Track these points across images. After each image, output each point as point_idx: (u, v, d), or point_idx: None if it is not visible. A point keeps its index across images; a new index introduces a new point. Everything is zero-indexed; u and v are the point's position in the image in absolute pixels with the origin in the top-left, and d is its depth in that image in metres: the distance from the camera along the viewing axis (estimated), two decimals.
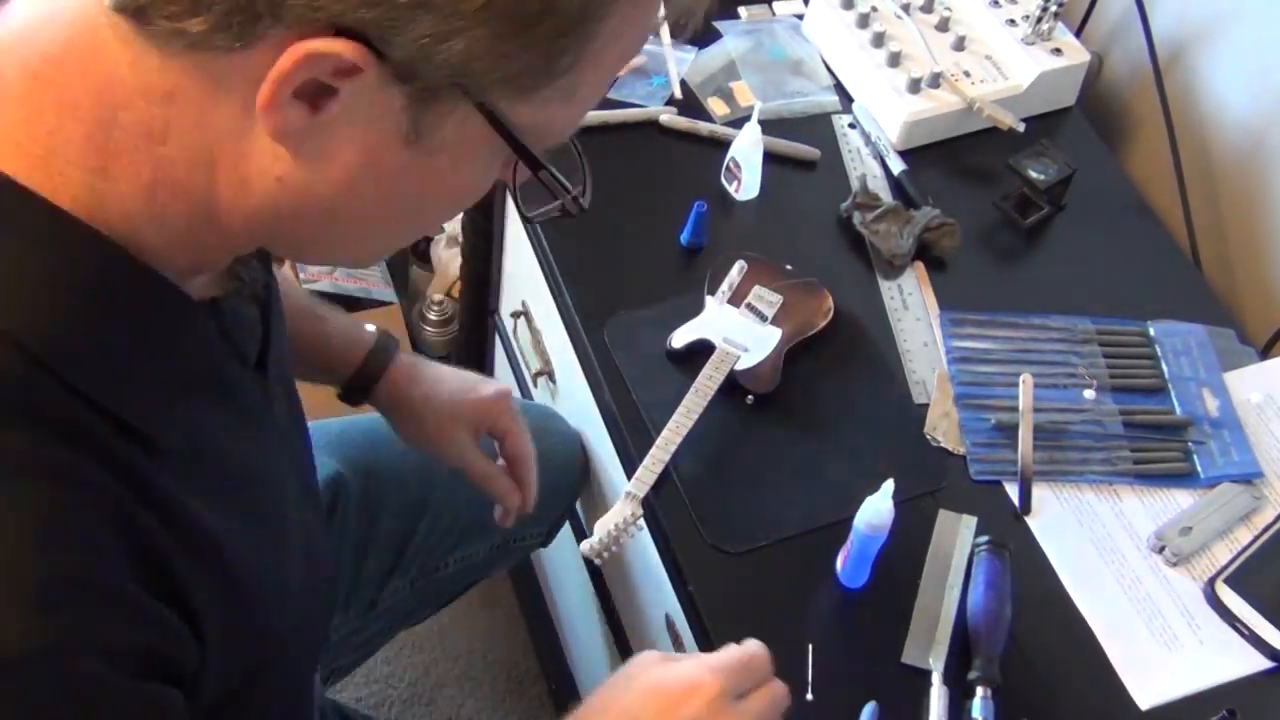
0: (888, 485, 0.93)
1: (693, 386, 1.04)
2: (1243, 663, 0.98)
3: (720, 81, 1.32)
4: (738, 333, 1.09)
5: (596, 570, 1.33)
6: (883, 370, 1.12)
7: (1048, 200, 1.25)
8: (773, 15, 1.41)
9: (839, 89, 1.34)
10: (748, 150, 1.19)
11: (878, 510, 0.93)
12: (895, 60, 1.29)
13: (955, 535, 1.01)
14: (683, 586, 0.98)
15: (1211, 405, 1.12)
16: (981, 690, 0.91)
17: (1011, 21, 1.32)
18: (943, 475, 1.06)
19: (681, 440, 1.01)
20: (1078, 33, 1.39)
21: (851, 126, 1.31)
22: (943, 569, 0.99)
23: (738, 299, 1.11)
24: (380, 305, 1.95)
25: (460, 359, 1.81)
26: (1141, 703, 0.95)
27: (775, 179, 1.23)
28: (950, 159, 1.29)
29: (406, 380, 1.06)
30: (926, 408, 1.10)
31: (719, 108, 1.29)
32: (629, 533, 1.00)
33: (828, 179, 1.26)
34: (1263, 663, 0.98)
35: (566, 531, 1.36)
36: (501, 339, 1.56)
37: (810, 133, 1.29)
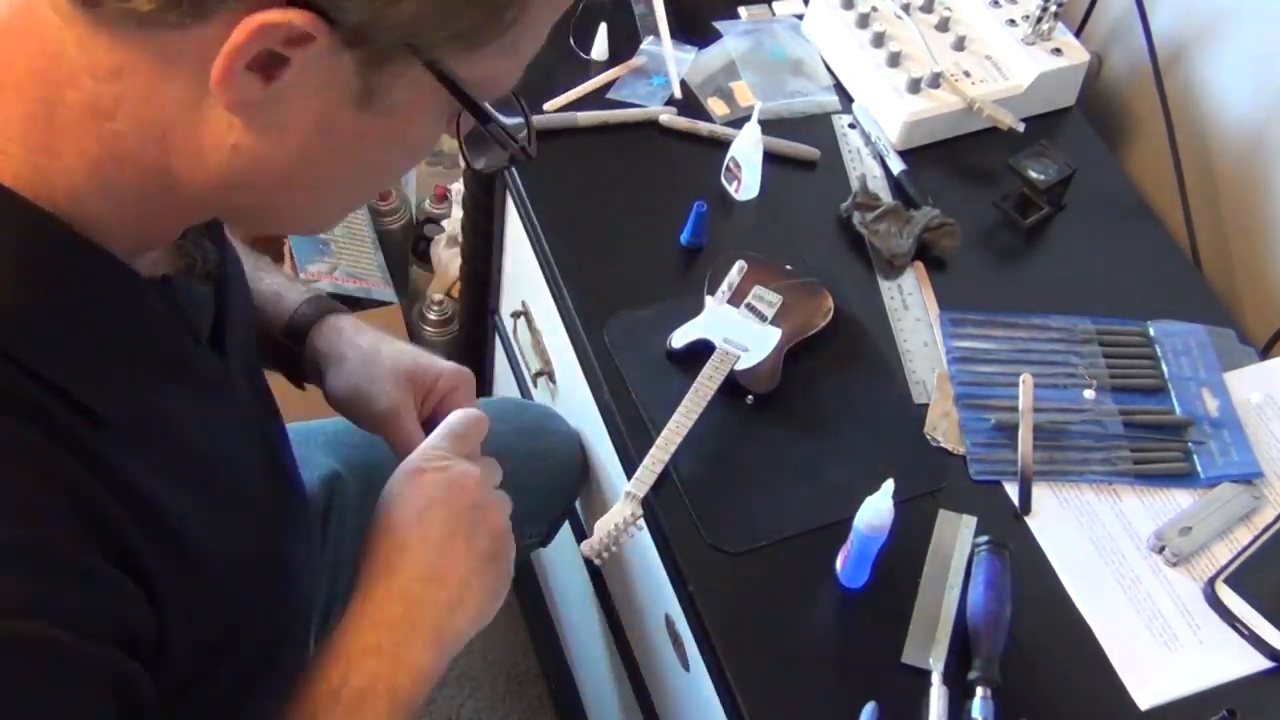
0: (888, 485, 0.93)
1: (693, 386, 1.04)
2: (1243, 663, 0.98)
3: (720, 81, 1.32)
4: (738, 333, 1.09)
5: (596, 570, 1.33)
6: (883, 370, 1.12)
7: (1048, 200, 1.25)
8: (773, 15, 1.41)
9: (839, 89, 1.34)
10: (748, 150, 1.19)
11: (878, 510, 0.93)
12: (895, 60, 1.29)
13: (955, 535, 1.01)
14: (682, 586, 0.98)
15: (1211, 405, 1.12)
16: (981, 690, 0.91)
17: (1011, 21, 1.32)
18: (943, 475, 1.06)
19: (681, 440, 1.01)
20: (1078, 33, 1.39)
21: (851, 126, 1.31)
22: (943, 569, 0.99)
23: (738, 299, 1.11)
24: (380, 305, 1.94)
25: (460, 359, 1.80)
26: (1141, 703, 0.95)
27: (775, 179, 1.23)
28: (950, 159, 1.29)
29: (351, 328, 0.96)
30: (926, 408, 1.10)
31: (719, 108, 1.29)
32: (629, 533, 1.00)
33: (828, 179, 1.26)
34: (1263, 663, 0.98)
35: (566, 531, 1.36)
36: (501, 339, 1.56)
37: (810, 133, 1.29)
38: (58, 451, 0.57)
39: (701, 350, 1.08)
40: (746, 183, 1.20)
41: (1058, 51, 1.31)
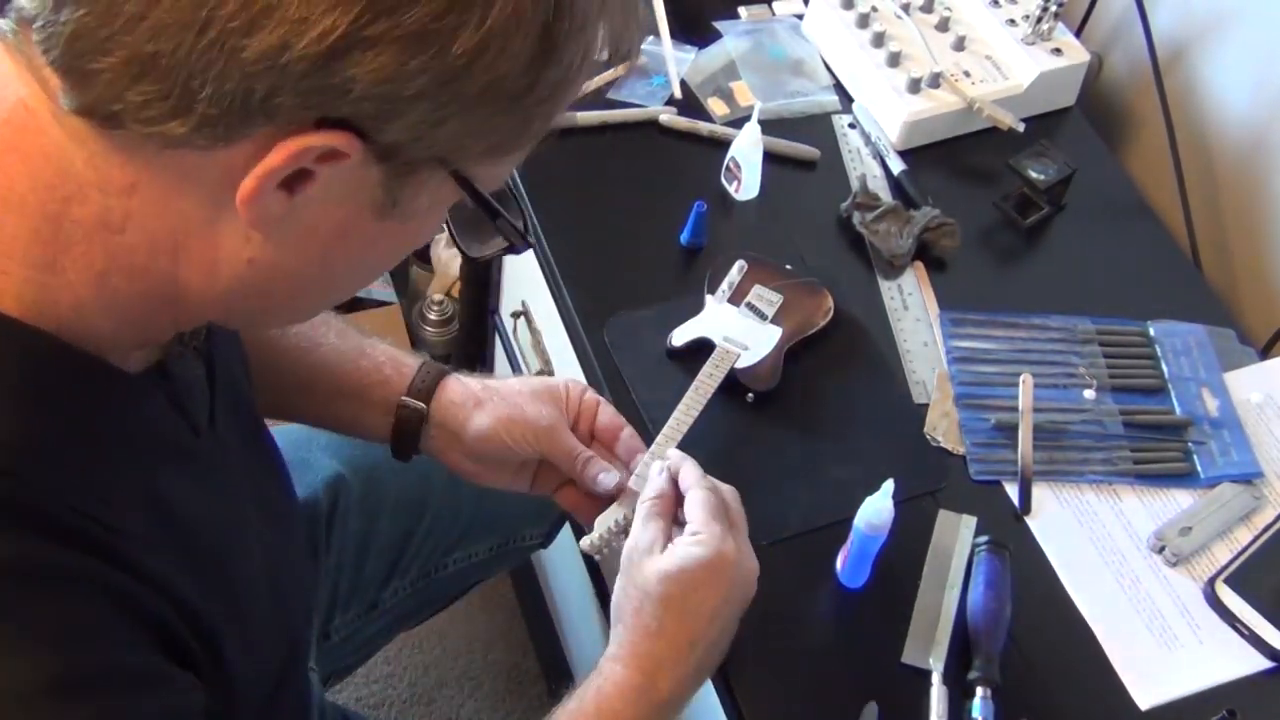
0: (888, 485, 0.93)
1: (693, 384, 1.04)
2: (1243, 663, 0.98)
3: (720, 81, 1.32)
4: (738, 331, 1.09)
5: (596, 570, 1.33)
6: (883, 370, 1.12)
7: (1048, 200, 1.25)
8: (773, 15, 1.41)
9: (839, 89, 1.34)
10: (748, 150, 1.19)
11: (878, 510, 0.93)
12: (895, 60, 1.29)
13: (955, 535, 1.01)
14: None
15: (1211, 405, 1.12)
16: (981, 690, 0.91)
17: (1011, 21, 1.32)
18: (943, 475, 1.06)
19: (681, 438, 1.01)
20: (1078, 33, 1.39)
21: (851, 126, 1.31)
22: (943, 569, 0.99)
23: (738, 298, 1.11)
24: (380, 305, 1.94)
25: (460, 359, 1.81)
26: (1141, 703, 0.95)
27: (775, 179, 1.23)
28: (950, 159, 1.29)
29: (468, 379, 0.98)
30: (926, 408, 1.10)
31: (719, 108, 1.29)
32: (628, 530, 1.00)
33: (828, 179, 1.26)
34: (1263, 663, 0.98)
35: (566, 532, 1.36)
36: (501, 339, 1.56)
37: (810, 133, 1.29)
38: (97, 565, 0.57)
39: (701, 350, 1.08)
40: (746, 183, 1.20)
41: (1058, 51, 1.31)
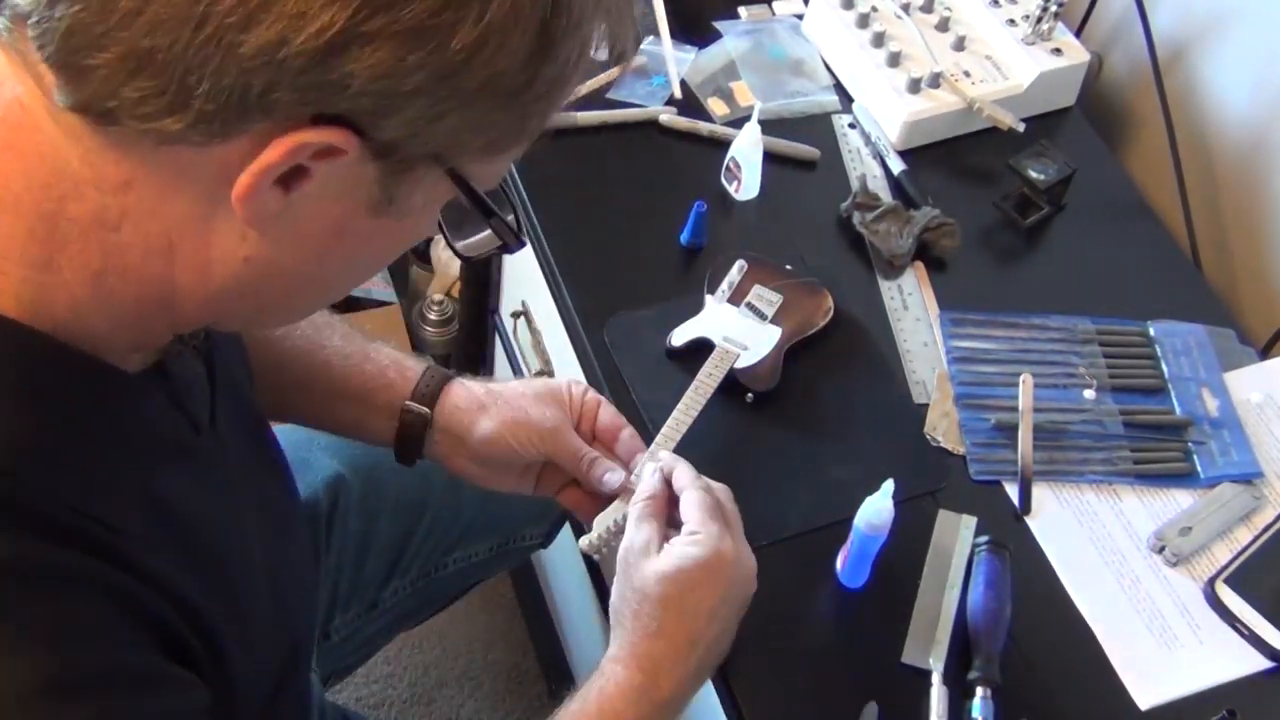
0: (888, 485, 0.93)
1: (692, 384, 1.04)
2: (1243, 663, 0.98)
3: (720, 81, 1.32)
4: (737, 331, 1.09)
5: (596, 570, 1.33)
6: (883, 370, 1.12)
7: (1048, 200, 1.25)
8: (773, 15, 1.41)
9: (839, 89, 1.34)
10: (748, 150, 1.19)
11: (878, 510, 0.93)
12: (895, 60, 1.29)
13: (955, 535, 1.01)
14: None
15: (1211, 405, 1.12)
16: (981, 690, 0.91)
17: (1011, 21, 1.32)
18: (943, 475, 1.06)
19: (681, 438, 1.01)
20: (1078, 33, 1.39)
21: (851, 126, 1.31)
22: (943, 569, 0.99)
23: (737, 298, 1.11)
24: (380, 305, 1.94)
25: (460, 359, 1.81)
26: (1141, 703, 0.95)
27: (775, 179, 1.23)
28: (950, 159, 1.29)
29: (472, 383, 0.98)
30: (926, 408, 1.10)
31: (719, 108, 1.29)
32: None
33: (828, 179, 1.26)
34: (1263, 663, 0.98)
35: (566, 532, 1.36)
36: (501, 339, 1.56)
37: (810, 133, 1.29)
38: (97, 565, 0.57)
39: (701, 350, 1.08)
40: (746, 183, 1.20)
41: (1058, 51, 1.31)
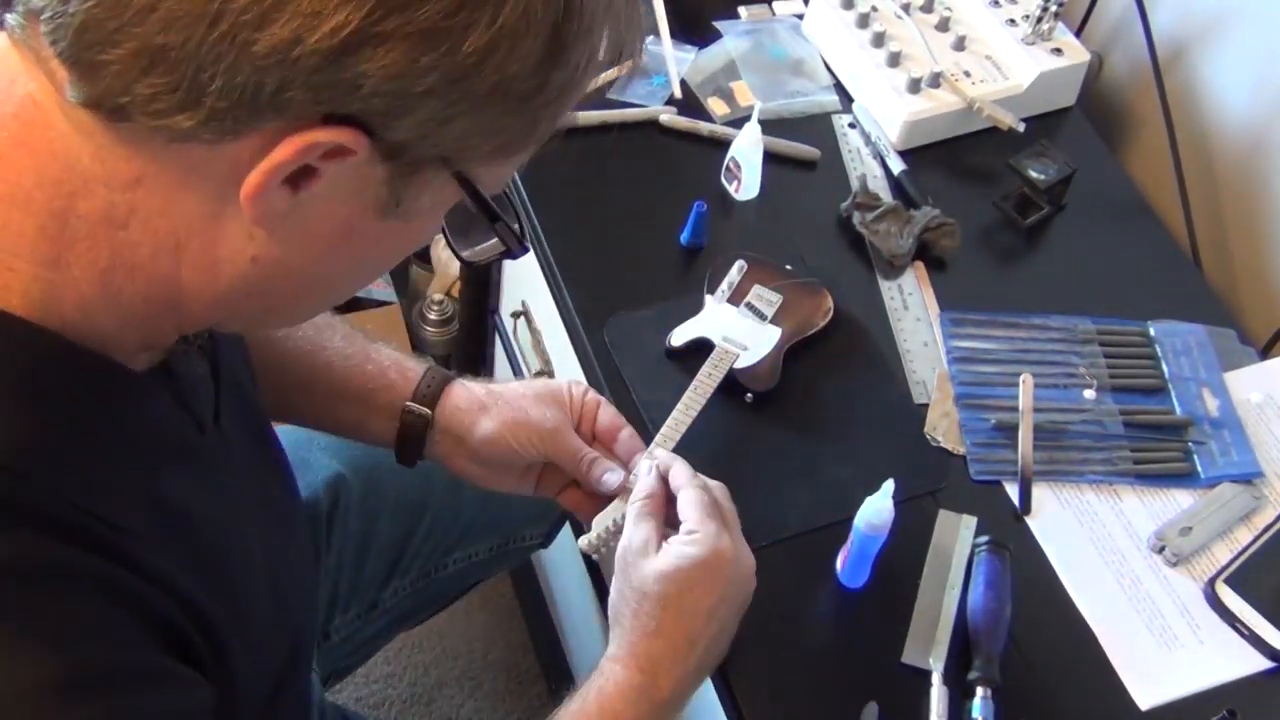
0: (888, 485, 0.93)
1: (692, 384, 1.04)
2: (1243, 663, 0.98)
3: (720, 81, 1.32)
4: (737, 331, 1.09)
5: (596, 570, 1.33)
6: (883, 370, 1.12)
7: (1048, 200, 1.25)
8: (773, 15, 1.41)
9: (839, 89, 1.34)
10: (748, 150, 1.19)
11: (878, 510, 0.93)
12: (895, 60, 1.29)
13: (955, 535, 1.01)
14: None
15: (1211, 405, 1.12)
16: (981, 690, 0.91)
17: (1011, 21, 1.32)
18: (943, 475, 1.06)
19: (680, 437, 1.01)
20: (1078, 33, 1.39)
21: (851, 126, 1.31)
22: (943, 569, 0.99)
23: (737, 298, 1.11)
24: (380, 305, 1.94)
25: (460, 359, 1.81)
26: (1141, 703, 0.95)
27: (775, 179, 1.23)
28: (950, 159, 1.29)
29: (473, 384, 0.98)
30: (926, 408, 1.10)
31: (719, 108, 1.29)
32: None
33: (828, 179, 1.26)
34: (1263, 663, 0.98)
35: (566, 532, 1.36)
36: (501, 339, 1.56)
37: (810, 133, 1.29)
38: (100, 563, 0.57)
39: (701, 350, 1.08)
40: (746, 183, 1.20)
41: (1058, 51, 1.31)
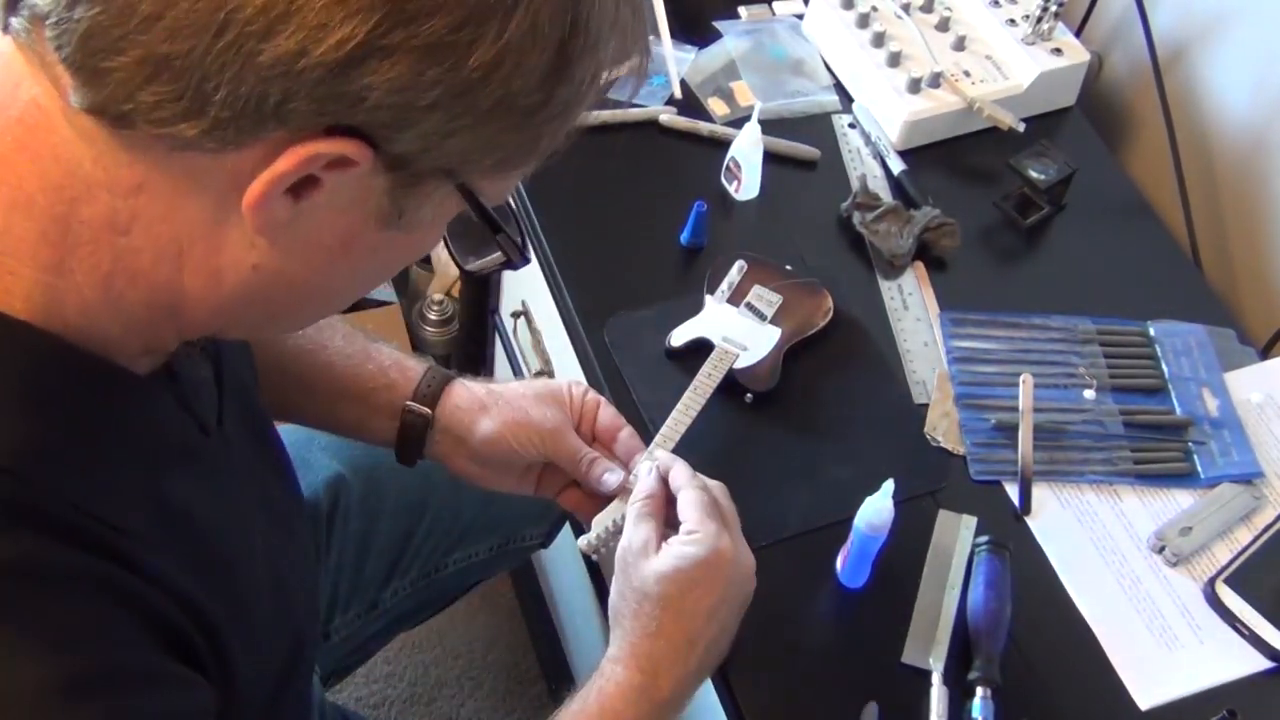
0: (888, 485, 0.93)
1: (691, 384, 1.04)
2: (1243, 663, 0.98)
3: (720, 81, 1.32)
4: (737, 332, 1.09)
5: (596, 570, 1.33)
6: (883, 370, 1.12)
7: (1048, 200, 1.25)
8: (773, 15, 1.41)
9: (839, 89, 1.34)
10: (748, 150, 1.19)
11: (878, 510, 0.93)
12: (895, 60, 1.29)
13: (955, 535, 1.01)
14: None
15: (1211, 405, 1.12)
16: (981, 690, 0.91)
17: (1011, 21, 1.32)
18: (943, 475, 1.06)
19: (680, 438, 1.01)
20: (1078, 33, 1.39)
21: (851, 126, 1.31)
22: (943, 569, 0.99)
23: (737, 298, 1.11)
24: (380, 305, 1.94)
25: (460, 359, 1.81)
26: (1141, 703, 0.95)
27: (775, 179, 1.23)
28: (950, 159, 1.29)
29: (473, 384, 0.98)
30: (926, 408, 1.10)
31: (719, 108, 1.29)
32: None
33: (828, 179, 1.26)
34: (1263, 663, 0.98)
35: (566, 532, 1.36)
36: (501, 339, 1.56)
37: (810, 133, 1.29)
38: (101, 564, 0.57)
39: (701, 350, 1.08)
40: (746, 183, 1.20)
41: (1058, 51, 1.31)
